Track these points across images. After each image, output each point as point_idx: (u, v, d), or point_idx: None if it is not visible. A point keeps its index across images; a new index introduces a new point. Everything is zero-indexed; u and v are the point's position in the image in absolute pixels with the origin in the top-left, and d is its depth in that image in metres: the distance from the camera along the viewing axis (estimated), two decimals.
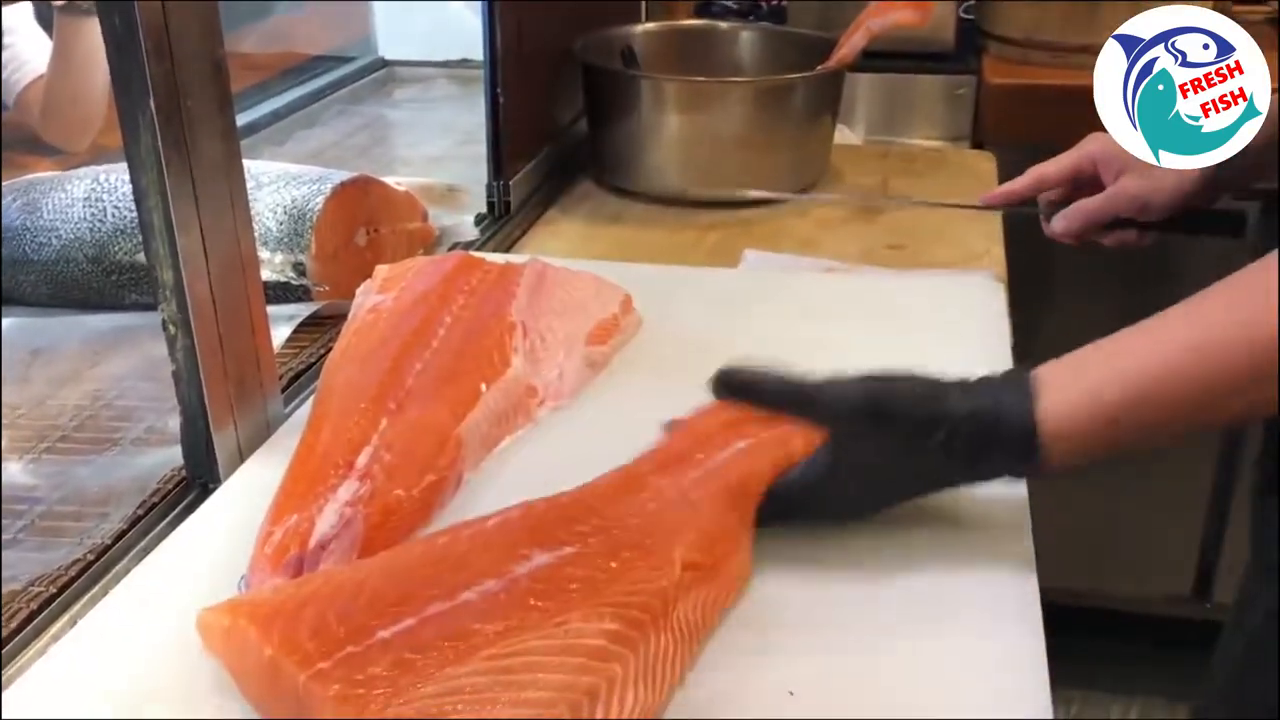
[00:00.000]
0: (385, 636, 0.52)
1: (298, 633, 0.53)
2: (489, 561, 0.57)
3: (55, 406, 0.90)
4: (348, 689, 0.50)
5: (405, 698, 0.50)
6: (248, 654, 0.54)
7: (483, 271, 0.92)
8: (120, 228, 1.03)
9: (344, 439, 0.73)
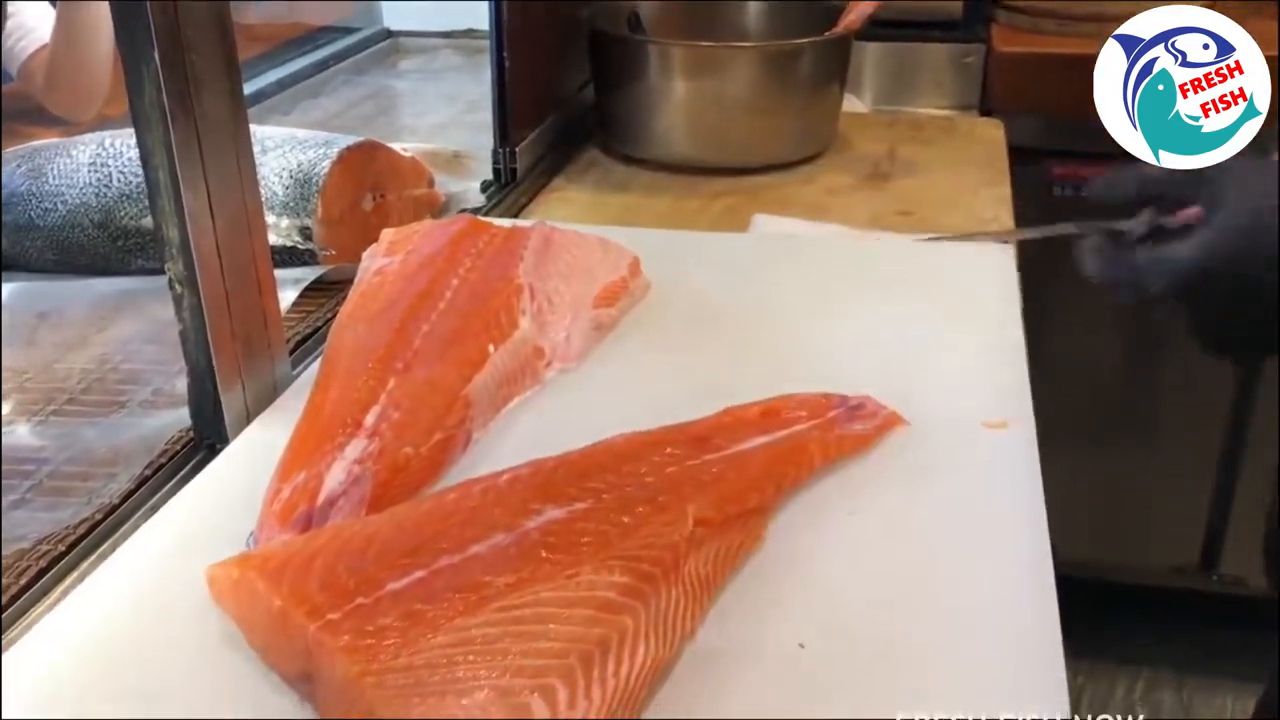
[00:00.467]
0: (395, 588, 0.51)
1: (307, 584, 0.53)
2: (500, 515, 0.56)
3: (62, 370, 0.90)
4: (357, 639, 0.50)
5: (415, 648, 0.50)
6: (256, 606, 0.54)
7: (489, 235, 0.92)
8: (126, 193, 1.02)
9: (352, 398, 0.72)
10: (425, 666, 0.49)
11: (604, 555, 0.54)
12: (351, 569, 0.52)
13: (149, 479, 0.75)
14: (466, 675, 0.48)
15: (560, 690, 0.49)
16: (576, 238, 0.94)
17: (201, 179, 0.71)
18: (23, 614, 0.64)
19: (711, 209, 1.21)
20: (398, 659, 0.49)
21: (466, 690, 0.48)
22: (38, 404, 0.86)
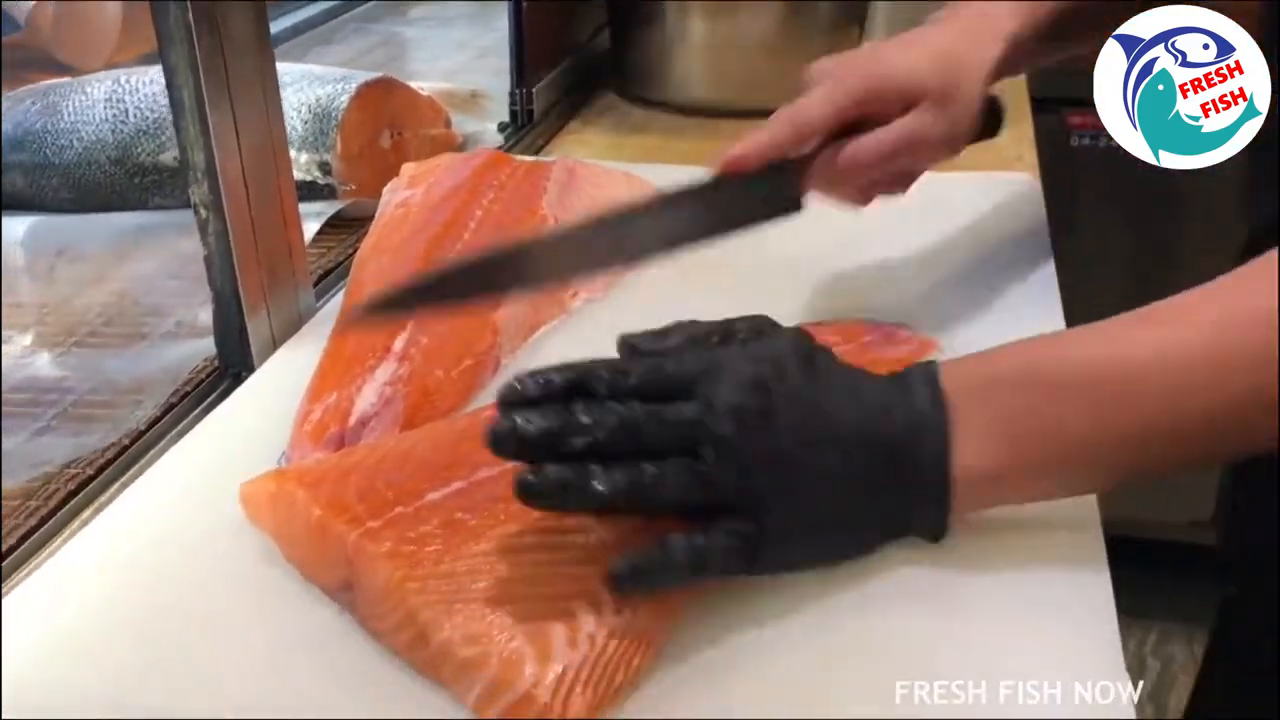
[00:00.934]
0: (434, 498, 0.51)
1: (345, 495, 0.52)
2: None
3: (82, 304, 0.89)
4: (399, 545, 0.49)
5: (457, 555, 0.49)
6: (295, 518, 0.53)
7: (511, 168, 0.91)
8: (143, 128, 1.01)
9: (379, 324, 0.71)
10: (467, 573, 0.48)
11: None
12: (390, 481, 0.52)
13: (174, 406, 0.74)
14: (509, 582, 0.48)
15: (604, 595, 0.48)
16: (600, 171, 0.93)
17: (227, 101, 0.70)
18: (53, 536, 0.64)
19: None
20: (439, 565, 0.48)
21: (510, 597, 0.47)
22: (58, 336, 0.85)
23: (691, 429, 0.49)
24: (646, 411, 0.49)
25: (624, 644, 0.48)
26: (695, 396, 0.50)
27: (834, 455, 0.51)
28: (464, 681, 0.46)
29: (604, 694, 0.47)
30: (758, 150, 0.70)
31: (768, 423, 0.49)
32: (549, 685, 0.45)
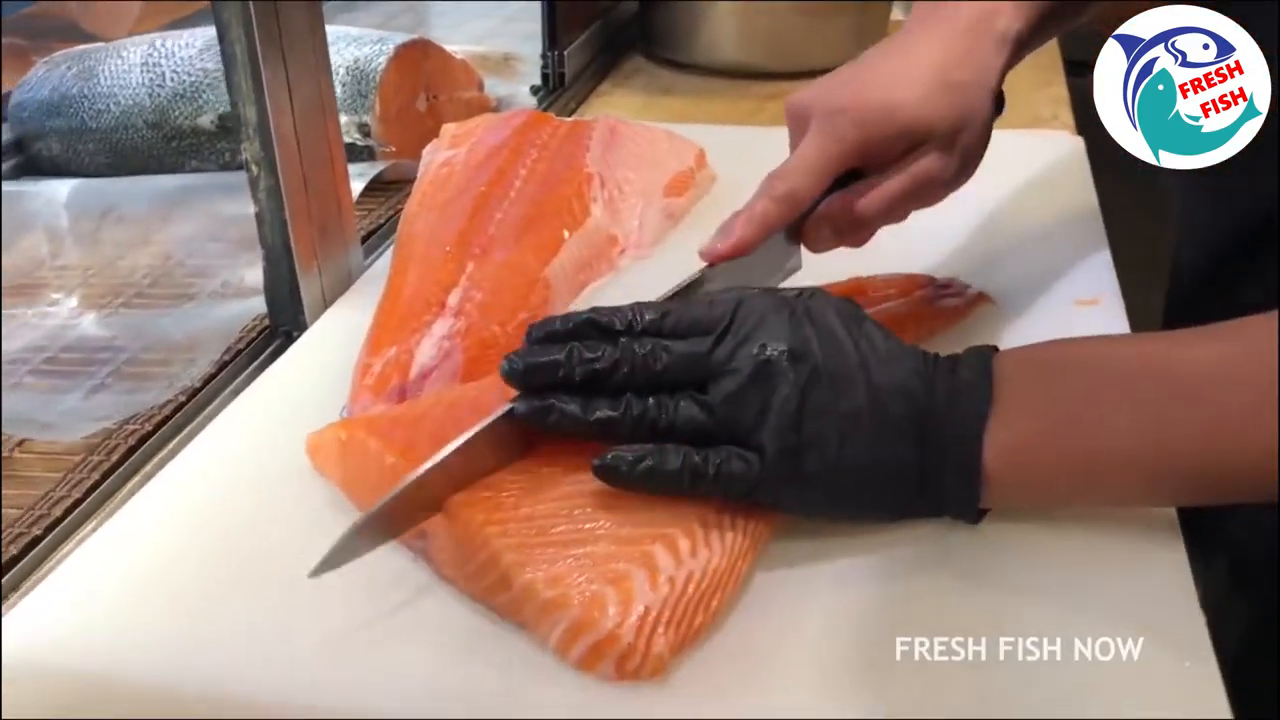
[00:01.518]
0: None
1: (419, 441, 0.52)
2: None
3: (126, 266, 0.90)
4: (478, 491, 0.49)
5: (536, 499, 0.49)
6: (368, 466, 0.53)
7: (552, 127, 0.91)
8: (179, 92, 1.01)
9: (432, 280, 0.72)
10: (548, 516, 0.49)
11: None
12: (462, 428, 0.52)
13: (228, 364, 0.74)
14: (588, 526, 0.48)
15: (681, 540, 0.49)
16: (641, 129, 0.93)
17: (279, 55, 0.70)
18: (116, 490, 0.64)
19: (765, 111, 1.20)
20: (520, 509, 0.49)
21: (590, 539, 0.48)
22: (105, 298, 0.86)
23: (701, 362, 0.49)
24: (656, 344, 0.50)
25: (702, 586, 0.48)
26: (720, 335, 0.50)
27: (860, 399, 0.50)
28: (546, 623, 0.47)
29: (684, 634, 0.47)
30: (750, 238, 0.62)
31: (794, 361, 0.49)
32: (632, 625, 0.46)
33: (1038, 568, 0.52)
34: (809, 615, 0.50)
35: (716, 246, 0.62)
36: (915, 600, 0.51)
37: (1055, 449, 0.50)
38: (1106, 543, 0.53)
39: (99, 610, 0.52)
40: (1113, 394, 0.50)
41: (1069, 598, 0.50)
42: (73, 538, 0.61)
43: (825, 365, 0.50)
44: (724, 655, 0.48)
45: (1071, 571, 0.52)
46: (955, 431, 0.50)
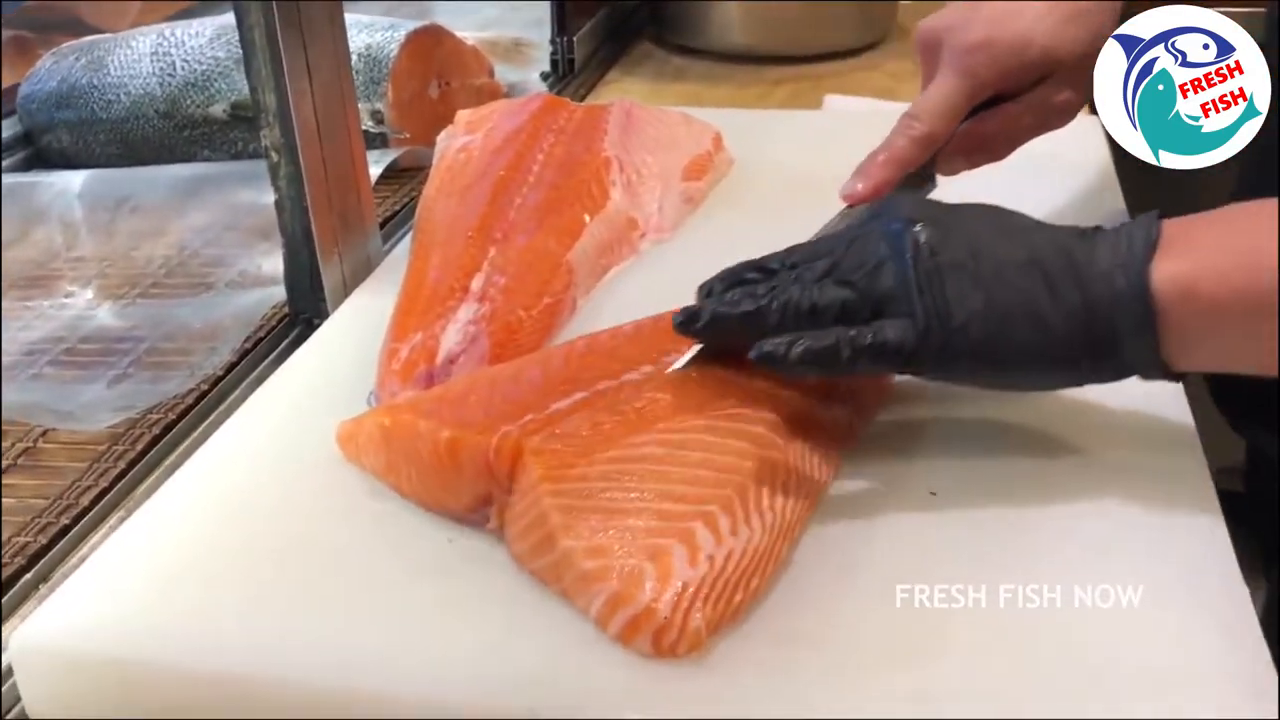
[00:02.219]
0: (562, 406, 0.51)
1: (471, 414, 0.52)
2: (640, 351, 0.56)
3: (142, 256, 0.89)
4: (546, 442, 0.49)
5: (591, 459, 0.49)
6: (419, 446, 0.53)
7: (568, 112, 0.90)
8: (190, 81, 1.01)
9: (455, 265, 0.71)
10: (598, 479, 0.49)
11: (751, 391, 0.54)
12: (510, 398, 0.52)
13: (249, 352, 0.74)
14: (633, 495, 0.48)
15: (721, 518, 0.48)
16: (658, 113, 0.92)
17: (299, 41, 0.69)
18: (142, 479, 0.64)
19: (775, 95, 1.19)
20: (574, 469, 0.49)
21: (634, 511, 0.48)
22: (121, 288, 0.85)
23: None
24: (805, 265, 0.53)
25: (742, 564, 0.48)
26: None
27: (1010, 252, 0.50)
28: (587, 594, 0.47)
29: (723, 612, 0.47)
30: (889, 179, 0.64)
31: (930, 226, 0.50)
32: (668, 601, 0.45)
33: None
34: (850, 595, 0.49)
35: (856, 188, 0.64)
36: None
37: (1228, 283, 0.48)
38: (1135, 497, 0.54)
39: (131, 600, 0.51)
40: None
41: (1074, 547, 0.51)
42: (101, 526, 0.61)
43: (967, 228, 0.51)
44: (765, 634, 0.48)
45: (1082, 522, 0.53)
46: (1120, 261, 0.48)
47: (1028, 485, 0.56)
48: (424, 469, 0.53)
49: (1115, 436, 0.59)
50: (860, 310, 0.51)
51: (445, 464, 0.51)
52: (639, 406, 0.51)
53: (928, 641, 0.47)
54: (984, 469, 0.57)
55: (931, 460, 0.58)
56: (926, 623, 0.48)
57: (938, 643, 0.47)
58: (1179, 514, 0.53)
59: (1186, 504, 0.54)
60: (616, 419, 0.50)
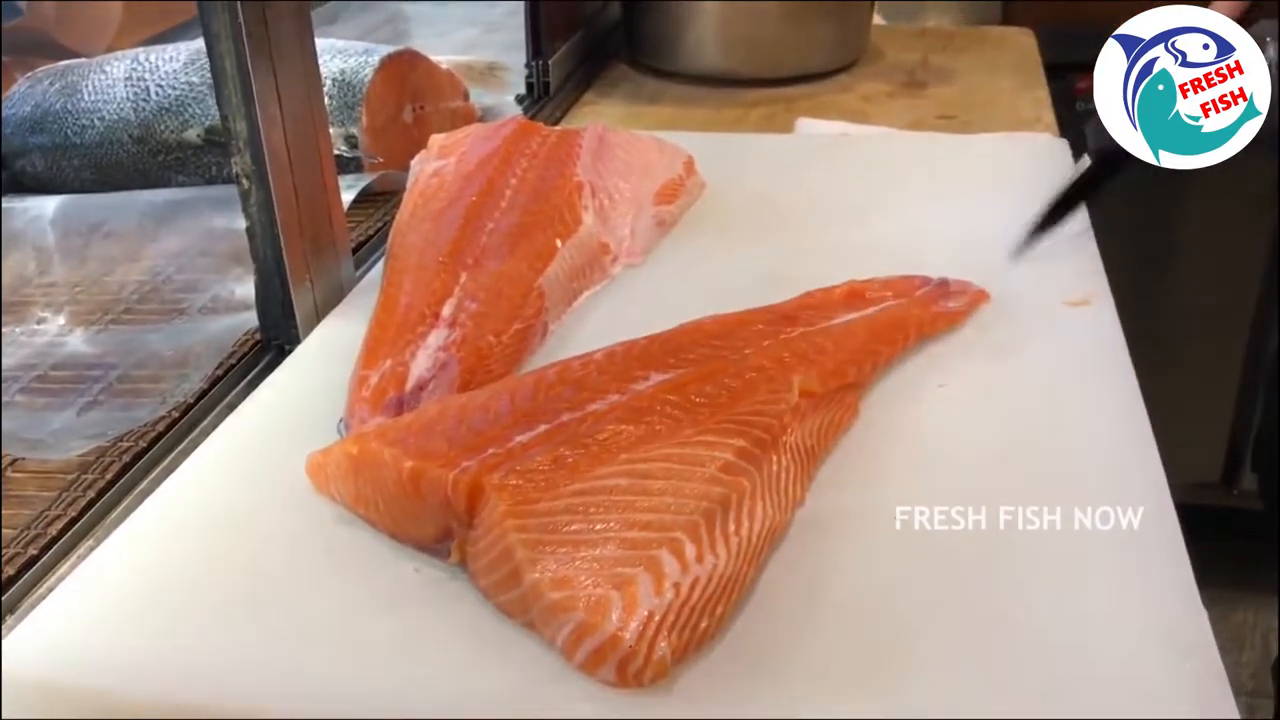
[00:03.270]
0: (525, 439, 0.51)
1: (435, 444, 0.52)
2: (608, 381, 0.56)
3: (115, 282, 0.89)
4: (508, 477, 0.49)
5: (555, 493, 0.49)
6: (385, 476, 0.53)
7: (541, 136, 0.91)
8: (165, 106, 1.01)
9: (427, 291, 0.72)
10: (563, 513, 0.49)
11: (719, 418, 0.54)
12: (475, 429, 0.52)
13: (220, 379, 0.74)
14: (598, 526, 0.48)
15: (687, 545, 0.49)
16: (631, 137, 0.93)
17: (269, 67, 0.70)
18: (111, 508, 0.64)
19: (749, 118, 1.20)
20: (538, 504, 0.49)
21: (600, 541, 0.48)
22: (94, 314, 0.85)
23: None
24: None
25: (708, 591, 0.48)
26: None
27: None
28: (553, 625, 0.47)
29: (689, 640, 0.47)
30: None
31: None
32: (634, 630, 0.46)
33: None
34: (817, 621, 0.50)
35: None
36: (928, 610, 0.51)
37: None
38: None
39: (100, 629, 0.51)
40: None
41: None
42: (70, 556, 0.60)
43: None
44: (731, 661, 0.48)
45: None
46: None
47: (996, 509, 0.56)
48: (390, 499, 0.53)
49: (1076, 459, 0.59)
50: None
51: (409, 494, 0.51)
52: (602, 438, 0.52)
53: (894, 669, 0.47)
54: (952, 492, 0.57)
55: (899, 483, 0.58)
56: (893, 650, 0.48)
57: (904, 670, 0.47)
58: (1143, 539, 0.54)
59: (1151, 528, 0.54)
60: (580, 451, 0.51)
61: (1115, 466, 0.58)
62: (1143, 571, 0.52)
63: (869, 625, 0.50)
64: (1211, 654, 0.47)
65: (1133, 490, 0.56)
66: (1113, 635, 0.48)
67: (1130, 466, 0.58)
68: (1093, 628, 0.49)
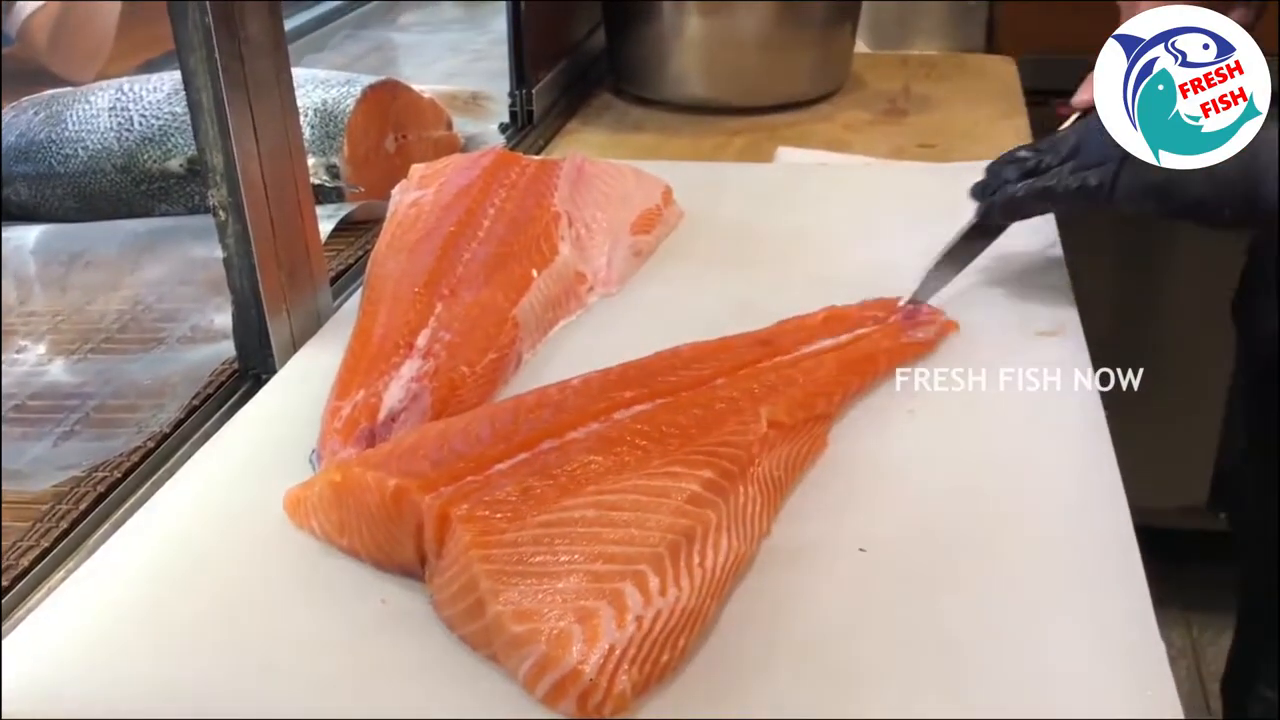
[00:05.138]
0: (503, 468, 0.52)
1: (418, 465, 0.53)
2: (586, 406, 0.57)
3: (96, 311, 0.89)
4: (475, 509, 0.50)
5: (521, 525, 0.50)
6: (367, 500, 0.53)
7: (520, 166, 0.91)
8: (148, 136, 1.01)
9: (401, 321, 0.72)
10: (528, 544, 0.49)
11: (687, 449, 0.55)
12: (457, 453, 0.53)
13: (197, 409, 0.74)
14: (563, 559, 0.49)
15: (651, 578, 0.49)
16: (609, 167, 0.94)
17: (245, 102, 0.70)
18: (85, 538, 0.64)
19: (731, 146, 1.21)
20: (504, 535, 0.49)
21: (564, 573, 0.48)
22: (74, 343, 0.85)
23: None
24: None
25: (670, 625, 0.48)
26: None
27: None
28: (515, 657, 0.47)
29: (650, 673, 0.47)
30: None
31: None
32: (595, 663, 0.46)
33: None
34: (778, 653, 0.50)
35: (1082, 98, 0.84)
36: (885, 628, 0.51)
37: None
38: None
39: (67, 661, 0.51)
40: None
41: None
42: (41, 587, 0.60)
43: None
44: (691, 694, 0.48)
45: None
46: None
47: (956, 542, 0.57)
48: (373, 523, 0.53)
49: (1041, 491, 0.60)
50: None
51: (391, 513, 0.52)
52: (571, 469, 0.52)
53: (854, 703, 0.48)
54: (915, 523, 0.58)
55: (864, 515, 0.59)
56: (853, 683, 0.49)
57: (864, 703, 0.48)
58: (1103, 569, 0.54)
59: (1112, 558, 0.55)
60: (547, 483, 0.51)
61: (1078, 496, 0.59)
62: (1102, 602, 0.52)
63: (829, 658, 0.50)
64: (1167, 685, 0.47)
65: (1094, 520, 0.57)
66: (1071, 666, 0.48)
67: (1092, 496, 0.59)
68: (1051, 658, 0.49)
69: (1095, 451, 0.63)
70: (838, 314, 0.71)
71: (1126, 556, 0.55)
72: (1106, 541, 0.56)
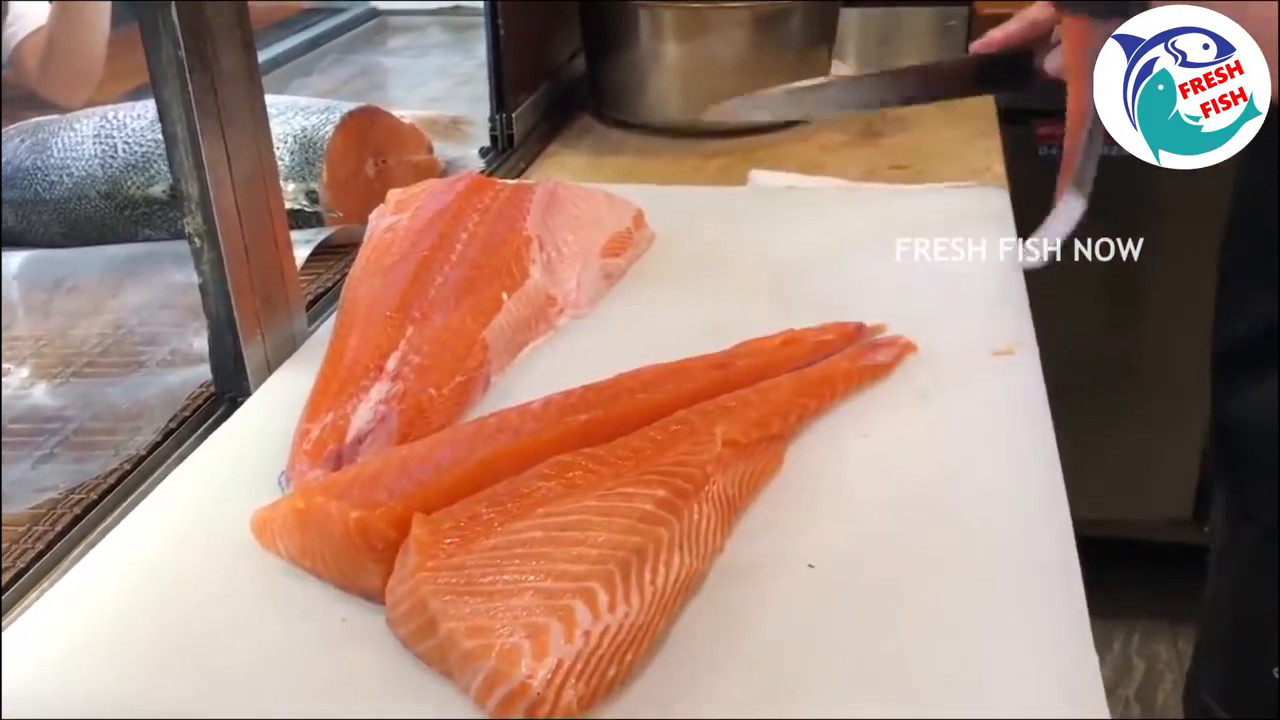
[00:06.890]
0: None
1: (378, 496, 0.55)
2: (543, 430, 0.58)
3: (78, 335, 0.91)
4: (429, 534, 0.52)
5: (471, 548, 0.51)
6: (330, 527, 0.55)
7: (494, 191, 0.93)
8: (132, 162, 1.03)
9: (372, 344, 0.74)
10: (477, 566, 0.51)
11: (641, 470, 0.56)
12: (416, 480, 0.54)
13: (173, 432, 0.76)
14: (513, 578, 0.50)
15: (600, 594, 0.50)
16: (581, 192, 0.96)
17: (219, 133, 0.72)
18: (60, 559, 0.66)
19: (707, 169, 1.23)
20: (453, 557, 0.51)
21: (514, 591, 0.50)
22: (56, 367, 0.87)
23: None
24: None
25: (618, 640, 0.50)
26: None
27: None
28: (467, 673, 0.49)
29: (597, 687, 0.49)
30: (1000, 36, 0.90)
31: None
32: (543, 678, 0.47)
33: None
34: (726, 667, 0.52)
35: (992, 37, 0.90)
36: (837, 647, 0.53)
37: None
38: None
39: (37, 680, 0.53)
40: None
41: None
42: (16, 608, 0.62)
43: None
44: (639, 707, 0.50)
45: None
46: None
47: (903, 558, 0.58)
48: (337, 550, 0.55)
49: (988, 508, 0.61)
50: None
51: (356, 546, 0.53)
52: (523, 493, 0.54)
53: (796, 701, 0.49)
54: (867, 540, 0.59)
55: (817, 532, 0.61)
56: (797, 697, 0.50)
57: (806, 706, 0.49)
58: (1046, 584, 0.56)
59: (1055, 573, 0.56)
60: (496, 509, 0.53)
61: (1024, 513, 0.61)
62: (1039, 613, 0.54)
63: (775, 671, 0.51)
64: (1098, 698, 0.49)
65: (1039, 535, 0.58)
66: (1008, 671, 0.50)
67: (1038, 513, 0.60)
68: (990, 666, 0.51)
69: (1043, 468, 0.64)
70: (795, 337, 0.72)
71: (1067, 568, 0.56)
72: (1050, 556, 0.57)
